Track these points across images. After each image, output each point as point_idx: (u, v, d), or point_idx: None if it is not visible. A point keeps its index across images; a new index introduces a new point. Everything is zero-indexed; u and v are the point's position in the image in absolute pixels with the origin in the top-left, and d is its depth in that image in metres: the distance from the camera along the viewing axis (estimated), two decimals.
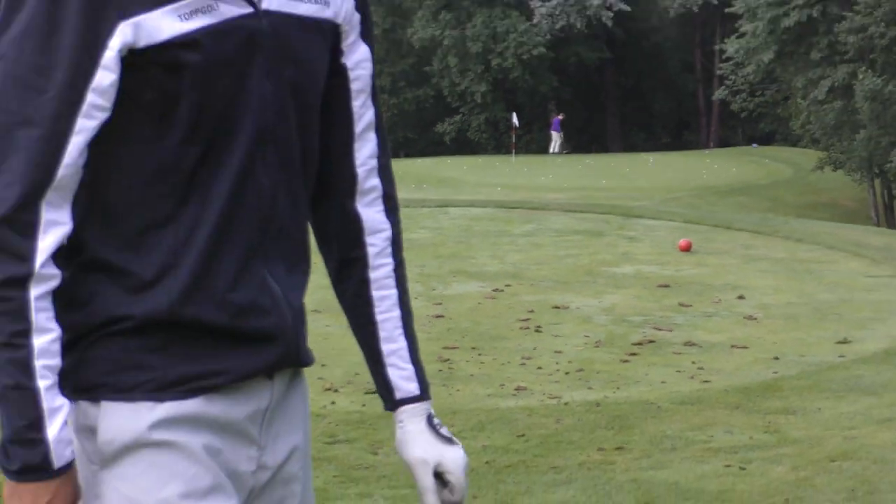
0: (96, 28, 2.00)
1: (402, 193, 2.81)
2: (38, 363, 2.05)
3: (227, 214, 2.15)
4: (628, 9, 73.31)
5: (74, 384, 2.11)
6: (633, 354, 13.45)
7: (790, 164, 54.75)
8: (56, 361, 2.08)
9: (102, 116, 2.02)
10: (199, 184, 2.14)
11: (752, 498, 9.63)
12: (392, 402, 2.50)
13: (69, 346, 2.11)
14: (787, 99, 53.00)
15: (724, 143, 68.57)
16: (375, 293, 2.49)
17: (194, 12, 2.04)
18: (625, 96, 78.28)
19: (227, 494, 2.18)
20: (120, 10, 2.00)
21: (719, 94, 60.19)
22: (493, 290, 16.15)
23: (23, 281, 2.02)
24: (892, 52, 43.49)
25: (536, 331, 14.32)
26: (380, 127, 2.56)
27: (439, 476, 2.38)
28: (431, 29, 76.60)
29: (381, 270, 2.51)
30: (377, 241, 2.50)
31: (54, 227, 2.03)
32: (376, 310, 2.48)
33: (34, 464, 2.00)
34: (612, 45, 75.45)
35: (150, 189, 2.15)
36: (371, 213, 2.52)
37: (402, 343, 2.48)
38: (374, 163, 2.52)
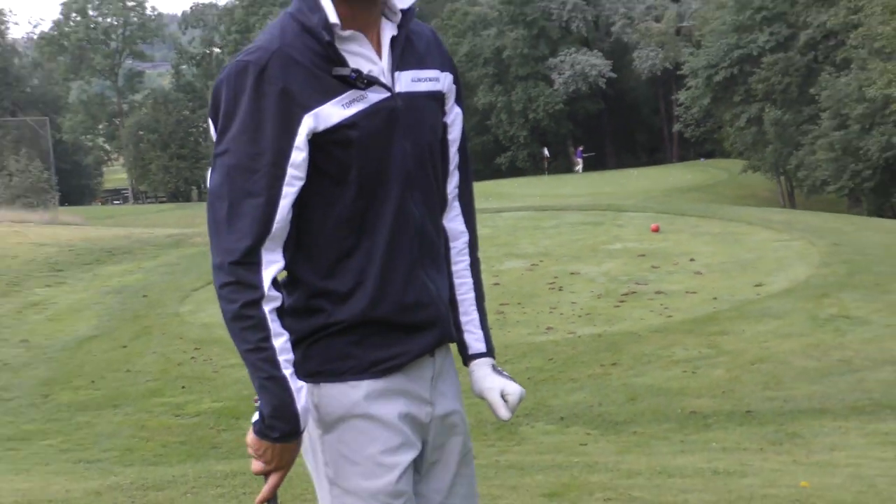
0: (289, 121, 2.12)
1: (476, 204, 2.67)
2: (281, 358, 2.15)
3: (392, 241, 2.25)
4: (615, 75, 72.07)
5: (300, 372, 2.22)
6: (622, 301, 13.75)
7: (725, 170, 54.79)
8: (291, 356, 2.18)
9: (299, 184, 2.16)
10: (370, 222, 2.24)
11: (700, 391, 10.23)
12: (466, 357, 2.50)
13: (295, 345, 2.25)
14: (721, 127, 52.98)
15: (682, 159, 68.55)
16: (456, 280, 2.49)
17: (352, 101, 2.14)
18: (615, 132, 77.74)
19: (413, 447, 2.30)
20: (303, 106, 2.12)
21: (677, 127, 59.79)
22: (531, 265, 16.23)
23: (257, 302, 2.14)
24: (787, 93, 43.37)
25: (559, 290, 14.59)
26: (465, 165, 2.56)
27: (503, 398, 2.38)
28: (490, 96, 75.44)
29: (460, 265, 2.51)
30: (458, 245, 2.52)
31: (272, 264, 2.18)
32: (457, 292, 2.49)
33: (288, 431, 2.15)
34: (606, 100, 74.26)
35: (337, 232, 2.26)
36: (454, 224, 2.52)
37: (474, 316, 2.50)
38: (456, 191, 2.51)
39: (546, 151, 73.25)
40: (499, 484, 6.62)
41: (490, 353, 2.51)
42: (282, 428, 2.15)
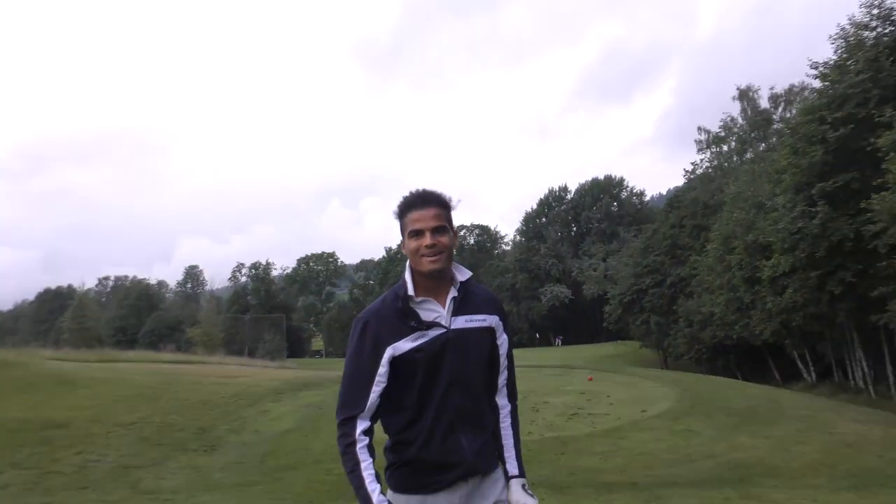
0: (377, 351, 2.15)
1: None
2: (366, 473, 2.13)
3: (437, 417, 2.17)
4: (573, 297, 72.21)
5: (390, 484, 2.23)
6: (570, 418, 13.03)
7: (631, 346, 53.31)
8: (372, 472, 2.15)
9: (383, 385, 2.17)
10: (423, 406, 2.17)
11: (608, 470, 9.71)
12: (507, 477, 2.32)
13: (388, 468, 2.25)
14: (627, 325, 52.04)
15: (609, 340, 66.68)
16: (502, 431, 2.36)
17: (418, 338, 2.14)
18: (574, 326, 76.07)
19: None
20: (386, 343, 2.15)
21: (606, 324, 58.79)
22: (522, 397, 16.04)
23: (353, 444, 2.16)
24: (661, 308, 43.11)
25: (536, 411, 13.96)
26: (510, 366, 2.42)
27: None
28: (508, 307, 76.10)
29: (505, 422, 2.37)
30: (504, 412, 2.39)
31: (363, 425, 2.17)
32: (502, 437, 2.36)
33: None
34: (568, 310, 73.72)
35: (405, 413, 2.20)
36: (502, 400, 2.39)
37: (512, 452, 2.35)
38: (504, 381, 2.38)
39: (537, 335, 73.04)
40: None
41: (521, 475, 2.37)
42: None
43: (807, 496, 8.02)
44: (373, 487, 2.13)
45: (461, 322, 2.23)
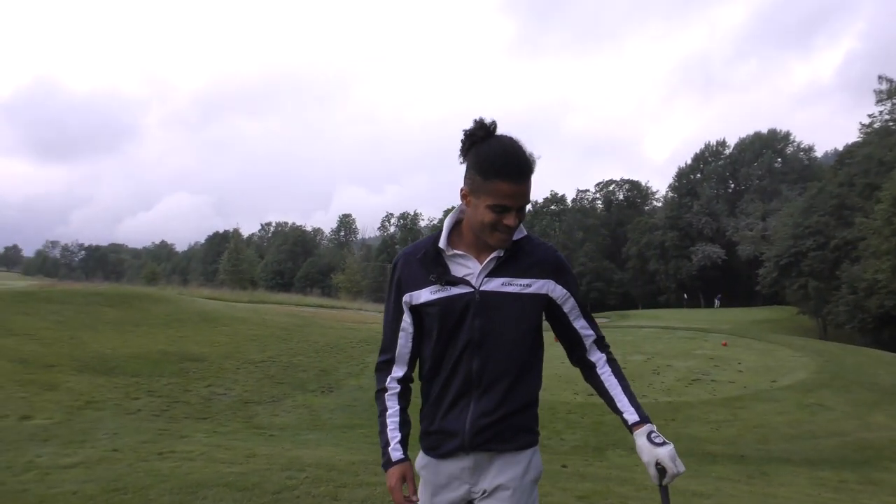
0: (399, 296, 2.05)
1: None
2: (390, 420, 2.09)
3: (447, 380, 2.02)
4: (726, 258, 68.64)
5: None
6: (690, 384, 12.46)
7: (787, 311, 49.80)
8: (396, 420, 2.10)
9: (410, 333, 2.08)
10: (438, 367, 2.03)
11: (717, 441, 9.24)
12: (628, 428, 2.02)
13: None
14: (784, 289, 48.63)
15: (763, 304, 62.86)
16: (605, 382, 2.06)
17: (437, 291, 1.97)
18: (726, 288, 72.15)
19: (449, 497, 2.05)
20: (407, 289, 2.02)
21: (758, 287, 55.19)
22: (647, 358, 15.09)
23: (383, 391, 2.12)
24: (822, 273, 39.87)
25: (657, 374, 13.44)
26: (587, 318, 2.12)
27: (660, 466, 1.87)
28: (656, 265, 73.83)
29: (604, 373, 2.08)
30: (599, 363, 2.10)
31: (398, 371, 2.12)
32: (607, 387, 2.07)
33: (384, 463, 2.06)
34: (721, 270, 70.20)
35: (425, 367, 2.09)
36: (592, 355, 2.11)
37: (624, 399, 2.02)
38: (588, 332, 2.10)
39: (685, 296, 70.28)
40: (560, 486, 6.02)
41: (643, 420, 2.01)
42: (382, 462, 2.07)
43: None
44: (393, 435, 2.08)
45: (496, 284, 1.98)
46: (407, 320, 2.07)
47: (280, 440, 8.59)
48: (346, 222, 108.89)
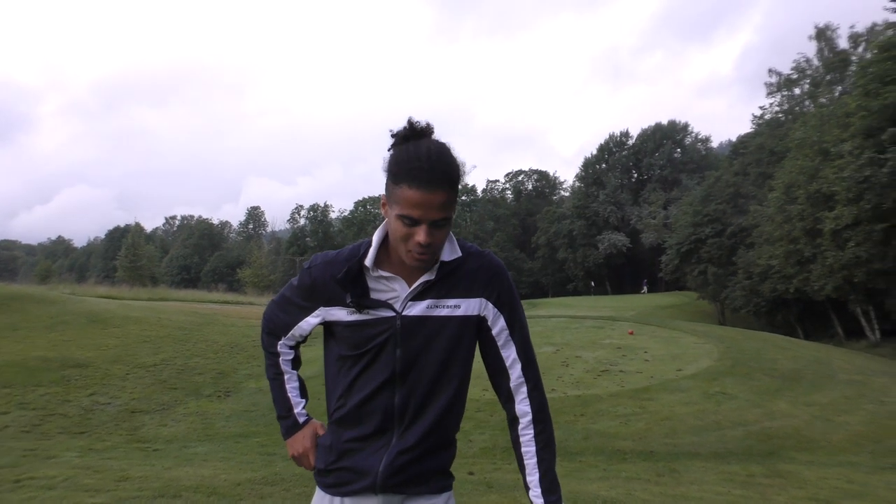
0: (310, 304, 1.81)
1: None
2: (289, 385, 1.94)
3: (364, 415, 1.74)
4: (631, 246, 70.36)
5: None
6: (599, 375, 12.25)
7: (687, 297, 51.32)
8: (296, 385, 1.95)
9: (307, 332, 1.88)
10: (355, 397, 1.74)
11: (626, 436, 9.10)
12: None
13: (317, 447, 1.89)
14: (685, 275, 50.40)
15: (666, 290, 64.84)
16: (523, 449, 1.76)
17: (353, 314, 1.71)
18: (631, 275, 74.25)
19: None
20: (321, 301, 1.77)
21: (661, 274, 56.73)
22: (556, 350, 14.87)
23: (276, 355, 1.94)
24: (720, 259, 41.40)
25: (566, 366, 13.21)
26: (525, 357, 1.83)
27: None
28: (565, 254, 75.13)
29: (525, 437, 1.76)
30: (523, 422, 1.77)
31: (289, 340, 1.91)
32: (523, 458, 1.77)
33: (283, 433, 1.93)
34: (625, 258, 71.86)
35: (335, 391, 1.80)
36: (521, 406, 1.78)
37: (535, 476, 1.75)
38: (521, 379, 1.80)
39: (592, 284, 71.76)
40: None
41: None
42: (285, 426, 1.93)
43: (842, 475, 7.19)
44: (297, 400, 1.94)
45: (420, 308, 1.73)
46: (311, 323, 1.85)
47: (163, 455, 7.80)
48: (254, 214, 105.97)
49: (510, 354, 1.82)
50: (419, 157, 1.57)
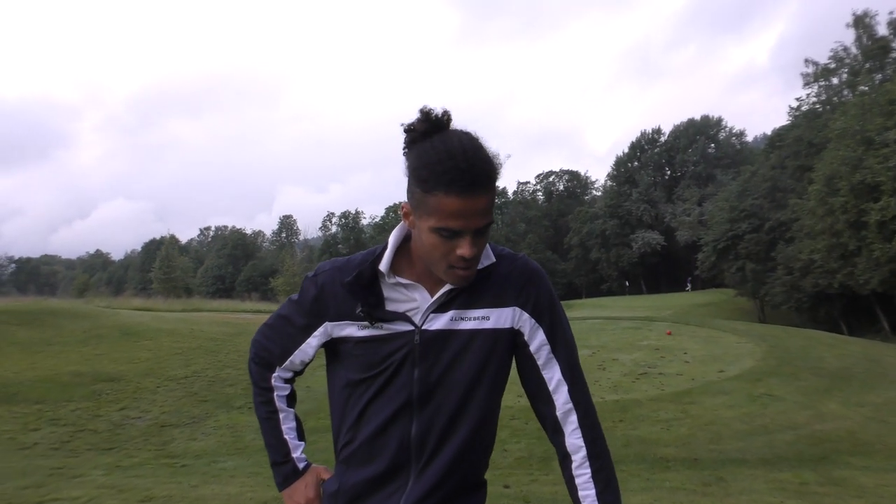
0: (312, 321, 1.54)
1: None
2: (285, 426, 1.65)
3: (376, 448, 1.47)
4: (665, 244, 69.36)
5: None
6: (637, 379, 11.83)
7: (725, 294, 50.12)
8: (293, 425, 1.67)
9: (307, 358, 1.60)
10: (366, 426, 1.48)
11: (669, 442, 8.77)
12: None
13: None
14: (723, 272, 49.43)
15: (701, 288, 63.58)
16: (580, 492, 1.46)
17: (366, 329, 1.46)
18: (666, 273, 73.03)
19: None
20: (327, 316, 1.51)
21: (697, 272, 55.65)
22: (591, 353, 14.45)
23: (269, 390, 1.65)
24: (758, 255, 40.52)
25: (602, 369, 12.89)
26: (572, 380, 1.53)
27: None
28: (598, 254, 74.45)
29: (582, 478, 1.47)
30: (577, 458, 1.48)
31: (284, 372, 1.63)
32: (581, 496, 1.46)
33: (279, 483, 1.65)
34: (660, 256, 70.76)
35: (343, 423, 1.54)
36: (572, 440, 1.49)
37: None
38: (569, 406, 1.50)
39: (627, 283, 70.86)
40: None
41: None
42: (282, 474, 1.64)
43: None
44: (294, 443, 1.65)
45: (444, 321, 1.47)
46: (312, 344, 1.57)
47: (191, 472, 7.64)
48: (287, 223, 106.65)
49: (553, 375, 1.53)
50: (453, 157, 1.33)
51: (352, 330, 1.50)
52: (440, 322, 1.47)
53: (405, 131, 1.42)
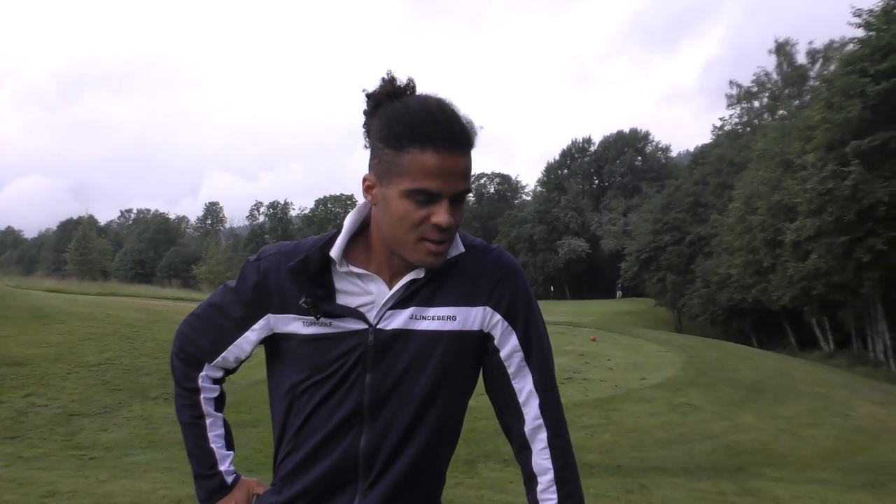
0: (251, 312, 1.34)
1: None
2: (212, 433, 1.44)
3: (317, 462, 1.29)
4: (591, 251, 70.57)
5: None
6: (562, 384, 12.16)
7: (645, 303, 51.48)
8: (221, 432, 1.46)
9: (243, 354, 1.39)
10: (308, 437, 1.30)
11: (592, 448, 8.79)
12: None
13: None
14: (644, 282, 50.95)
15: (623, 297, 65.18)
16: None
17: (312, 325, 1.28)
18: (590, 281, 74.33)
19: None
20: (269, 308, 1.32)
21: (620, 280, 57.00)
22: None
23: (196, 392, 1.42)
24: (678, 267, 41.80)
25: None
26: (544, 394, 1.36)
27: None
28: (525, 258, 74.96)
29: (548, 502, 1.34)
30: (543, 481, 1.33)
31: (213, 371, 1.41)
32: None
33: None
34: (585, 263, 72.08)
35: (286, 432, 1.35)
36: (539, 460, 1.33)
37: None
38: (538, 422, 1.34)
39: (552, 288, 71.95)
40: None
41: None
42: (206, 489, 1.44)
43: (814, 494, 6.95)
44: (222, 453, 1.44)
45: (402, 319, 1.29)
46: (252, 339, 1.37)
47: (100, 465, 7.22)
48: (212, 210, 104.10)
49: (524, 386, 1.36)
50: (430, 112, 1.20)
51: (296, 325, 1.32)
52: (398, 320, 1.29)
53: (367, 97, 1.27)
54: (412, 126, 1.19)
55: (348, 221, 1.35)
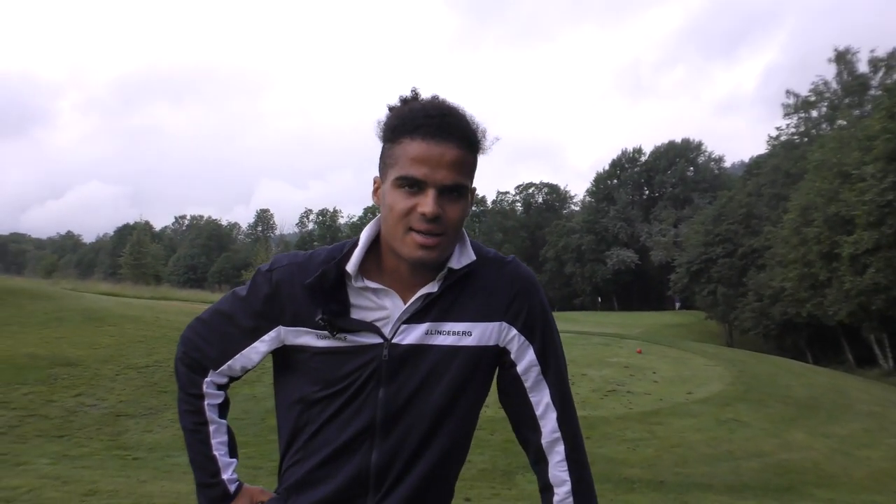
0: (260, 325, 1.33)
1: None
2: (215, 440, 1.40)
3: (327, 476, 1.26)
4: (640, 263, 69.56)
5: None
6: (605, 395, 11.85)
7: (695, 316, 50.32)
8: (224, 439, 1.41)
9: (250, 364, 1.37)
10: (318, 450, 1.28)
11: (634, 463, 8.63)
12: None
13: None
14: (694, 294, 49.93)
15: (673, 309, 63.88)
16: None
17: (326, 339, 1.27)
18: (639, 292, 73.19)
19: None
20: (280, 320, 1.30)
21: (670, 292, 55.85)
22: None
23: (200, 397, 1.39)
24: (730, 280, 40.91)
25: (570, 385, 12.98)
26: (561, 408, 1.36)
27: None
28: (572, 268, 74.68)
29: None
30: (560, 493, 1.33)
31: (218, 377, 1.39)
32: None
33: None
34: (634, 275, 71.03)
35: (293, 443, 1.32)
36: (556, 472, 1.33)
37: None
38: (556, 435, 1.33)
39: (599, 299, 71.15)
40: None
41: None
42: (209, 498, 1.40)
43: None
44: (225, 460, 1.41)
45: (417, 334, 1.28)
46: (260, 350, 1.35)
47: (142, 465, 7.35)
48: (264, 217, 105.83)
49: (542, 399, 1.35)
50: (425, 108, 1.24)
51: (309, 339, 1.30)
52: (413, 335, 1.28)
53: (388, 109, 1.31)
54: (405, 118, 1.23)
55: (364, 235, 1.34)
